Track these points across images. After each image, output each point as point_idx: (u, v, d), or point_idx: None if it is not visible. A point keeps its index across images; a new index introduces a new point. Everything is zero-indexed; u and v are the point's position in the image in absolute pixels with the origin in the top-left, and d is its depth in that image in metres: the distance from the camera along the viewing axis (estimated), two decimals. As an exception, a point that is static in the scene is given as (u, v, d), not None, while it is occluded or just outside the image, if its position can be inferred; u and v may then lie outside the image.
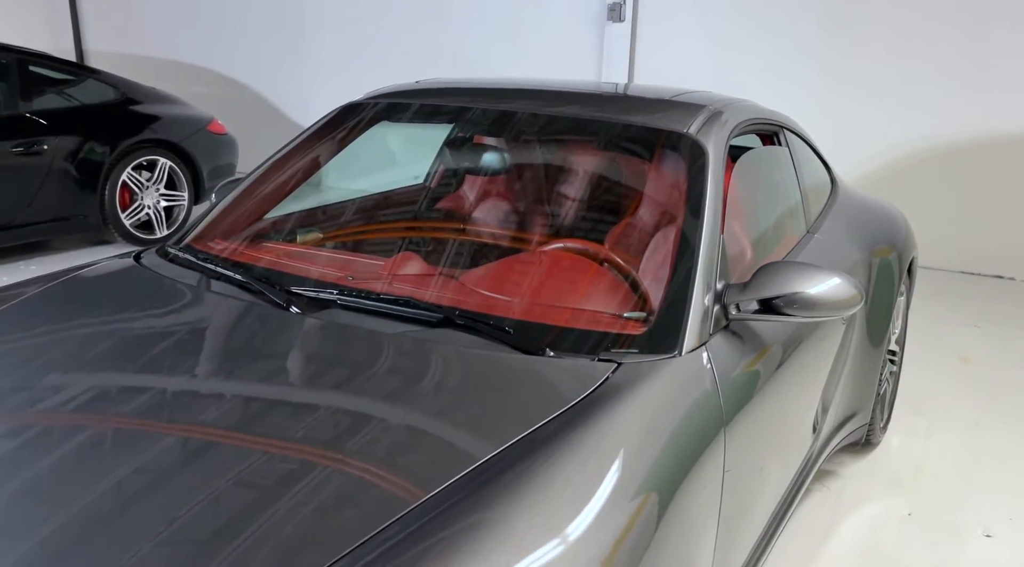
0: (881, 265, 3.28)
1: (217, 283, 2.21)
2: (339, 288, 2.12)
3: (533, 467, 1.46)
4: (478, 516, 1.34)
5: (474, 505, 1.37)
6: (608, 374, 1.77)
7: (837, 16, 6.34)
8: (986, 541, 2.96)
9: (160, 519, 1.35)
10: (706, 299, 2.00)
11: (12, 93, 5.60)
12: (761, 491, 2.28)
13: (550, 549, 1.32)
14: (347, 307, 2.04)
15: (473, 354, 1.84)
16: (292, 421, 1.63)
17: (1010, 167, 6.06)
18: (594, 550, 1.38)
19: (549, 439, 1.55)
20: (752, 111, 2.72)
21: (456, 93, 2.81)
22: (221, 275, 2.23)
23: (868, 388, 3.23)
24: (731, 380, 1.96)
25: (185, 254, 2.41)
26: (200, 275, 2.26)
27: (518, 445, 1.53)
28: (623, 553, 1.42)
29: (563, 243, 2.41)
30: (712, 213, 2.16)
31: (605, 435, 1.60)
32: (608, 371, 1.78)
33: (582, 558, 1.35)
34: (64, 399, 1.73)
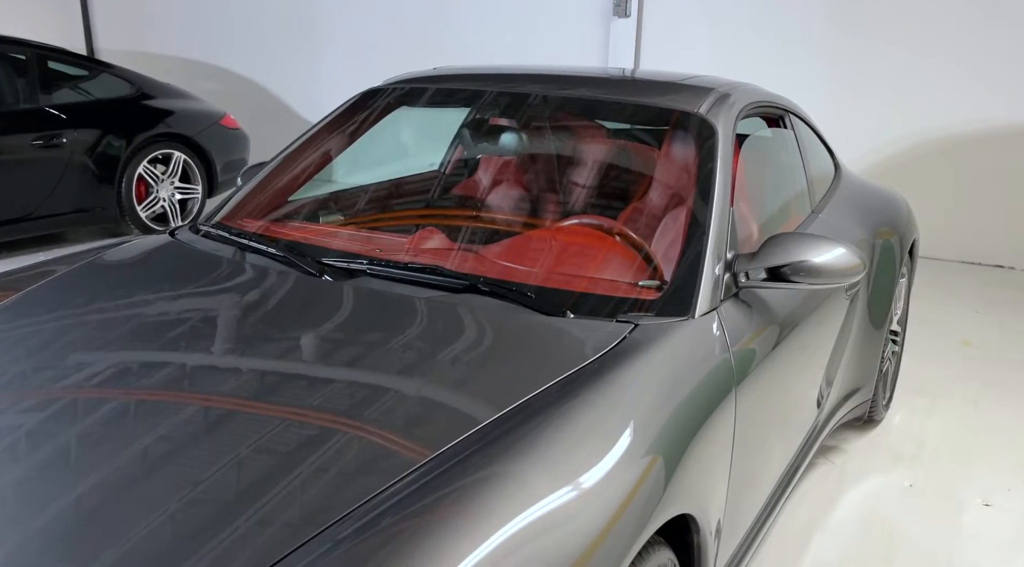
0: (883, 247, 3.39)
1: (251, 255, 2.33)
2: (368, 259, 2.24)
3: (550, 421, 1.55)
4: (490, 469, 1.41)
5: (487, 459, 1.44)
6: (626, 334, 1.88)
7: (842, 8, 6.45)
8: (985, 510, 3.07)
9: (204, 478, 1.43)
10: (717, 267, 2.11)
11: (32, 87, 5.73)
12: (768, 455, 2.39)
13: (561, 501, 1.39)
14: (376, 275, 2.15)
15: (498, 315, 1.96)
16: (331, 378, 1.74)
17: (1010, 159, 6.16)
18: (606, 502, 1.45)
19: (569, 392, 1.65)
20: (758, 94, 2.82)
21: (473, 78, 2.93)
22: (254, 248, 2.35)
23: (871, 365, 3.33)
24: (741, 344, 2.07)
25: (218, 230, 2.52)
26: (235, 248, 2.38)
27: (539, 397, 1.64)
28: (636, 505, 1.50)
29: (578, 219, 2.52)
30: (722, 188, 2.27)
31: (623, 389, 1.71)
32: (626, 331, 1.89)
33: (593, 509, 1.42)
34: (118, 360, 1.85)
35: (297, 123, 8.78)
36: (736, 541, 2.20)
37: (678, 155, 2.45)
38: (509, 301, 2.00)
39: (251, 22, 8.99)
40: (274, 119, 8.86)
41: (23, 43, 5.85)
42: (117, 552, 1.27)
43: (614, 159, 2.82)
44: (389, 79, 3.11)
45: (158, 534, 1.31)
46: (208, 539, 1.29)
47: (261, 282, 2.17)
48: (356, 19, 8.44)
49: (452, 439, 1.50)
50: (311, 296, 2.09)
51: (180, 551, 1.27)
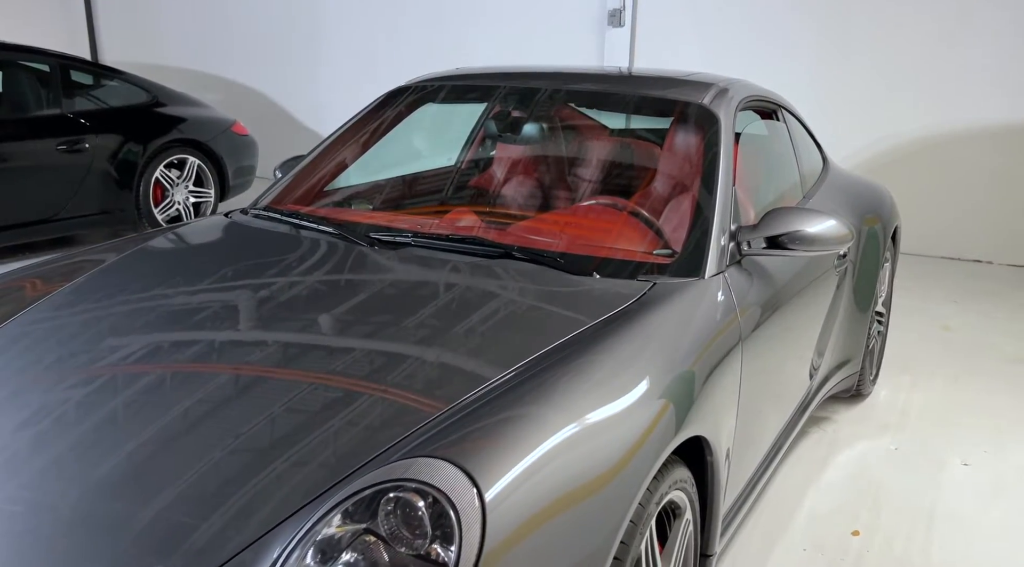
0: (868, 232, 3.68)
1: (305, 231, 2.59)
2: (411, 233, 2.51)
3: (574, 365, 1.78)
4: (511, 412, 1.60)
5: (510, 402, 1.63)
6: (646, 290, 2.16)
7: (826, 20, 6.77)
8: (964, 468, 3.35)
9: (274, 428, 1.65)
10: (723, 238, 2.39)
11: (56, 95, 5.98)
12: (769, 407, 2.66)
13: (575, 440, 1.59)
14: (420, 246, 2.42)
15: (533, 274, 2.23)
16: (390, 324, 2.01)
17: (987, 159, 6.49)
18: (619, 441, 1.65)
19: (595, 338, 1.91)
20: (753, 89, 3.12)
21: (492, 76, 3.21)
22: (306, 225, 2.62)
23: (859, 339, 3.62)
24: (745, 304, 2.35)
25: (268, 212, 2.79)
26: (289, 226, 2.64)
27: (574, 339, 1.90)
28: (649, 445, 1.71)
29: (595, 199, 2.80)
30: (725, 169, 2.55)
31: (647, 333, 1.98)
32: (646, 288, 2.17)
33: (605, 449, 1.62)
34: (200, 313, 2.11)
35: (300, 132, 9.05)
36: (744, 477, 2.48)
37: (685, 140, 2.73)
38: (541, 264, 2.28)
39: (253, 34, 9.26)
40: (279, 127, 9.12)
41: (47, 53, 6.10)
42: (172, 493, 1.49)
43: (626, 145, 3.11)
44: (413, 79, 3.39)
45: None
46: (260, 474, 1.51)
47: (319, 252, 2.44)
48: (357, 30, 8.72)
49: (497, 374, 1.75)
50: (366, 263, 2.36)
51: (223, 492, 1.48)
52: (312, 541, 1.37)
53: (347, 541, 1.37)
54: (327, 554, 1.36)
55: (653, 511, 1.73)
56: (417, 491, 1.39)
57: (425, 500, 1.38)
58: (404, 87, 3.32)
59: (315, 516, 1.40)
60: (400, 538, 1.37)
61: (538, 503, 1.46)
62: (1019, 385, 4.17)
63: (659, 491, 1.75)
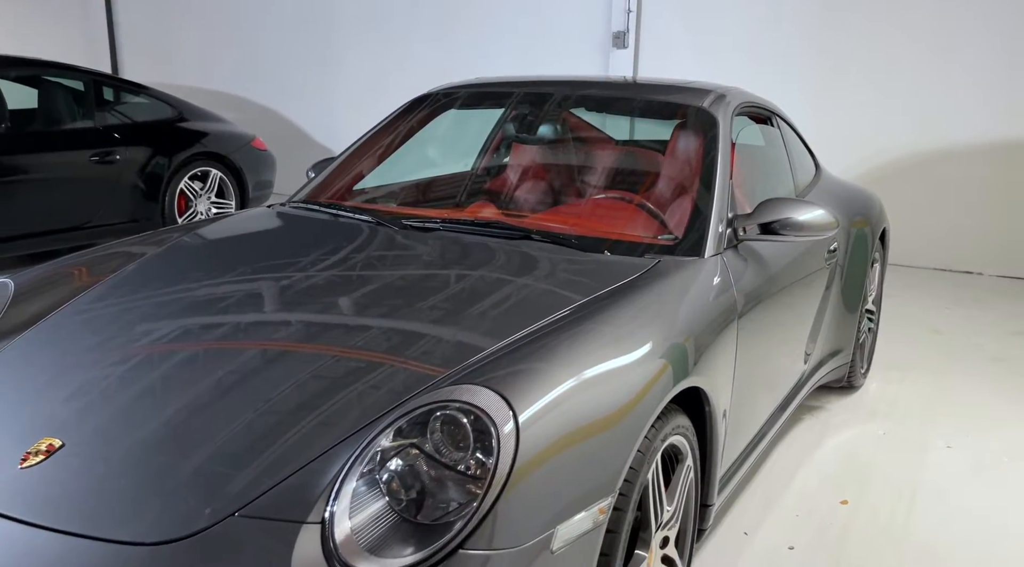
0: (857, 234, 3.95)
1: (342, 218, 2.87)
2: (439, 220, 2.78)
3: (590, 322, 2.04)
4: (537, 357, 1.84)
5: (537, 349, 1.88)
6: (651, 265, 2.42)
7: (819, 38, 7.09)
8: (947, 450, 3.60)
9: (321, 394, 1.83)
10: (720, 224, 2.66)
11: (89, 109, 6.29)
12: (762, 385, 2.91)
13: (591, 382, 1.82)
14: (448, 231, 2.70)
15: (550, 252, 2.50)
16: (432, 291, 2.28)
17: (977, 173, 6.78)
18: (629, 386, 1.89)
19: (608, 302, 2.17)
20: (748, 96, 3.40)
21: (509, 83, 3.50)
22: (344, 215, 2.89)
23: (849, 331, 3.88)
24: (741, 284, 2.61)
25: (307, 204, 3.07)
26: (328, 215, 2.92)
27: (585, 304, 2.16)
28: (654, 389, 1.94)
29: (604, 193, 3.08)
30: (723, 165, 2.82)
31: (652, 299, 2.24)
32: (652, 263, 2.44)
33: (616, 392, 1.86)
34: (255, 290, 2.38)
35: (315, 147, 9.36)
36: (741, 441, 2.73)
37: (687, 140, 3.01)
38: (558, 244, 2.55)
39: (270, 54, 9.58)
40: (293, 145, 9.41)
41: (80, 70, 6.42)
42: (212, 448, 1.70)
43: (630, 152, 3.39)
44: (435, 87, 3.68)
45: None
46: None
47: (360, 235, 2.71)
48: (369, 52, 9.04)
49: (524, 328, 2.01)
50: (402, 244, 2.63)
51: (255, 449, 1.69)
52: (369, 454, 1.62)
53: (397, 453, 1.62)
54: (380, 465, 1.61)
55: (659, 446, 1.98)
56: (462, 410, 1.64)
57: (468, 418, 1.63)
58: (427, 94, 3.60)
59: (373, 433, 1.65)
60: (443, 453, 1.63)
61: (561, 430, 1.72)
62: (1001, 381, 4.42)
63: (663, 431, 2.00)
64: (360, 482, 1.58)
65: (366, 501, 1.56)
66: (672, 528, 2.18)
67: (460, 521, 1.52)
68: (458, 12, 8.56)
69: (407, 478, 1.60)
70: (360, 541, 1.51)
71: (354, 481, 1.58)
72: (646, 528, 2.01)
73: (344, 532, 1.51)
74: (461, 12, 8.55)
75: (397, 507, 1.57)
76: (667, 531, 2.15)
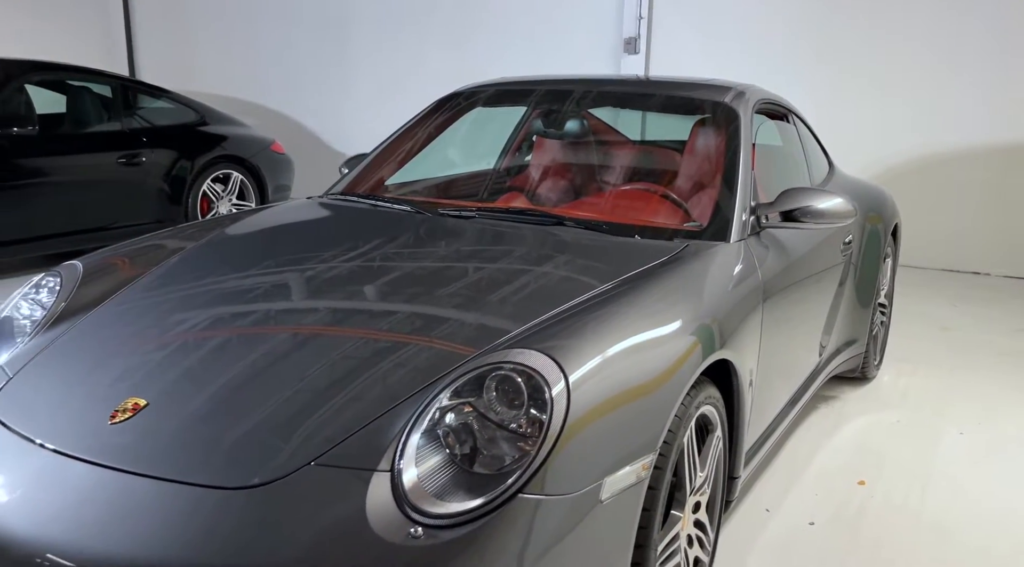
0: (871, 230, 4.07)
1: (382, 208, 3.00)
2: (475, 209, 2.92)
3: (629, 297, 2.17)
4: (581, 329, 1.96)
5: (578, 322, 2.00)
6: (681, 248, 2.55)
7: (827, 44, 7.23)
8: (959, 437, 3.72)
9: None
10: (744, 212, 2.79)
11: (117, 113, 6.45)
12: (783, 367, 3.03)
13: (617, 361, 1.91)
14: (483, 218, 2.83)
15: (582, 237, 2.63)
16: (478, 268, 2.41)
17: (984, 175, 6.91)
18: (665, 357, 2.01)
19: (642, 281, 2.29)
20: (765, 93, 3.53)
21: (534, 82, 3.64)
22: (382, 205, 3.03)
23: (863, 322, 4.00)
24: (764, 268, 2.73)
25: (345, 195, 3.21)
26: (368, 205, 3.06)
27: (621, 283, 2.28)
28: (688, 361, 2.06)
29: (631, 185, 3.21)
30: (745, 156, 2.96)
31: (680, 282, 2.36)
32: (681, 247, 2.56)
33: (654, 361, 1.98)
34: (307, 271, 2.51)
35: (329, 153, 9.51)
36: (764, 420, 2.85)
37: (710, 133, 3.14)
38: (589, 229, 2.68)
39: (286, 63, 9.74)
40: (308, 150, 9.56)
41: (107, 74, 6.59)
42: (288, 405, 1.83)
43: (649, 152, 3.53)
44: (462, 86, 3.81)
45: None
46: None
47: (400, 223, 2.84)
48: (383, 58, 9.20)
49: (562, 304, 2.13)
50: (443, 231, 2.76)
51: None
52: (430, 411, 1.75)
53: (454, 411, 1.75)
54: (439, 421, 1.74)
55: (693, 413, 2.10)
56: (516, 370, 1.77)
57: (522, 378, 1.76)
58: (456, 93, 3.74)
59: (434, 392, 1.78)
60: (497, 411, 1.75)
61: (606, 393, 1.84)
62: (1011, 373, 4.54)
63: (697, 399, 2.13)
64: (422, 436, 1.71)
65: (428, 453, 1.69)
66: (704, 494, 2.30)
67: (518, 471, 1.65)
68: (472, 19, 8.72)
69: (463, 433, 1.73)
70: (426, 487, 1.63)
71: (417, 435, 1.71)
72: (681, 489, 2.13)
73: (411, 479, 1.64)
74: (475, 19, 8.70)
75: (456, 459, 1.69)
76: (699, 496, 2.27)
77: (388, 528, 1.57)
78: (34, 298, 2.44)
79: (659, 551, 2.01)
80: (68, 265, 2.57)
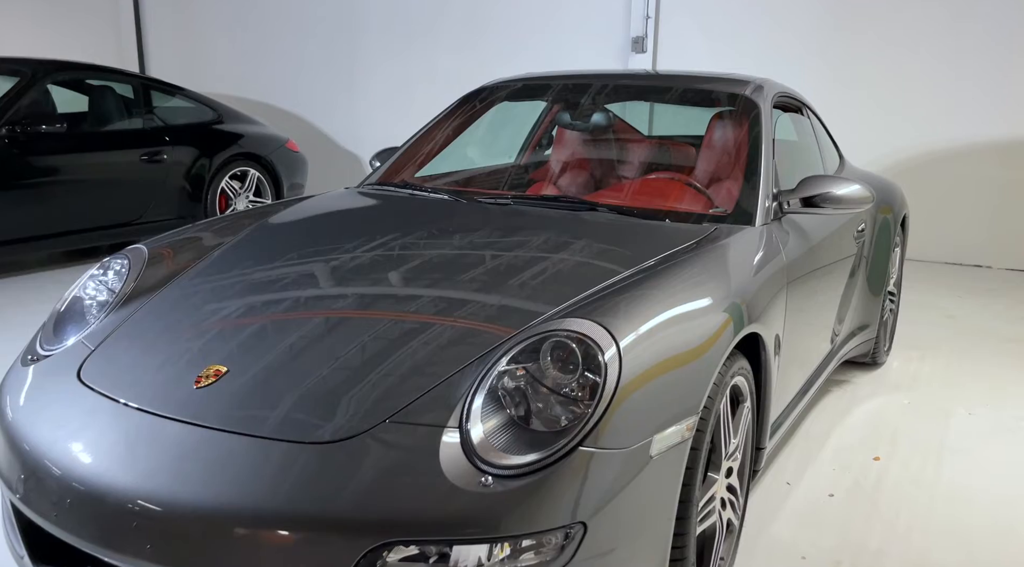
0: (882, 220, 4.23)
1: (419, 197, 3.15)
2: (510, 197, 3.07)
3: (668, 273, 2.32)
4: (626, 302, 2.10)
5: (620, 297, 2.13)
6: (710, 231, 2.70)
7: (831, 45, 7.39)
8: (968, 416, 3.87)
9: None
10: (767, 199, 2.94)
11: (138, 111, 6.60)
12: (802, 353, 3.17)
13: (660, 330, 2.06)
14: (519, 205, 2.98)
15: (614, 220, 2.79)
16: (519, 247, 2.56)
17: (985, 172, 7.07)
18: (703, 328, 2.16)
19: (678, 259, 2.44)
20: (781, 87, 3.68)
21: (558, 77, 3.79)
22: (419, 194, 3.18)
23: (875, 308, 4.16)
24: (787, 251, 2.88)
25: (381, 185, 3.36)
26: (406, 194, 3.20)
27: (658, 261, 2.43)
28: (724, 333, 2.21)
29: (656, 174, 3.36)
30: (767, 145, 3.11)
31: (713, 260, 2.51)
32: (710, 230, 2.71)
33: (693, 332, 2.12)
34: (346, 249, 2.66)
35: (341, 153, 9.66)
36: (786, 396, 3.00)
37: (733, 123, 3.29)
38: (620, 214, 2.83)
39: (297, 65, 9.88)
40: (319, 150, 9.70)
41: (128, 74, 6.74)
42: (361, 371, 1.98)
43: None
44: (488, 82, 3.96)
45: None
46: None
47: (441, 209, 3.00)
48: (393, 60, 9.34)
49: (606, 279, 2.28)
50: (483, 215, 2.91)
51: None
52: (492, 375, 1.89)
53: (510, 376, 1.90)
54: (500, 384, 1.88)
55: (728, 382, 2.25)
56: (570, 337, 1.92)
57: (576, 343, 1.91)
58: (481, 88, 3.89)
59: (494, 357, 1.93)
60: (552, 375, 1.90)
61: (652, 360, 1.99)
62: (1015, 358, 4.70)
63: (731, 369, 2.28)
64: (485, 398, 1.85)
65: (491, 413, 1.84)
66: (735, 460, 2.45)
67: (576, 427, 1.79)
68: (481, 21, 8.86)
69: (518, 396, 1.87)
70: (492, 443, 1.78)
71: (480, 397, 1.85)
72: (717, 452, 2.28)
73: (479, 435, 1.78)
74: (484, 21, 8.85)
75: (515, 419, 1.84)
76: (732, 462, 2.42)
77: (461, 477, 1.72)
78: (102, 279, 2.58)
79: (699, 508, 2.15)
80: (134, 249, 2.72)
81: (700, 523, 2.20)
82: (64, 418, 2.01)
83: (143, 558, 1.71)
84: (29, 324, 3.19)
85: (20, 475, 1.93)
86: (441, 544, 1.68)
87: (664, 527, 1.97)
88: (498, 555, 1.70)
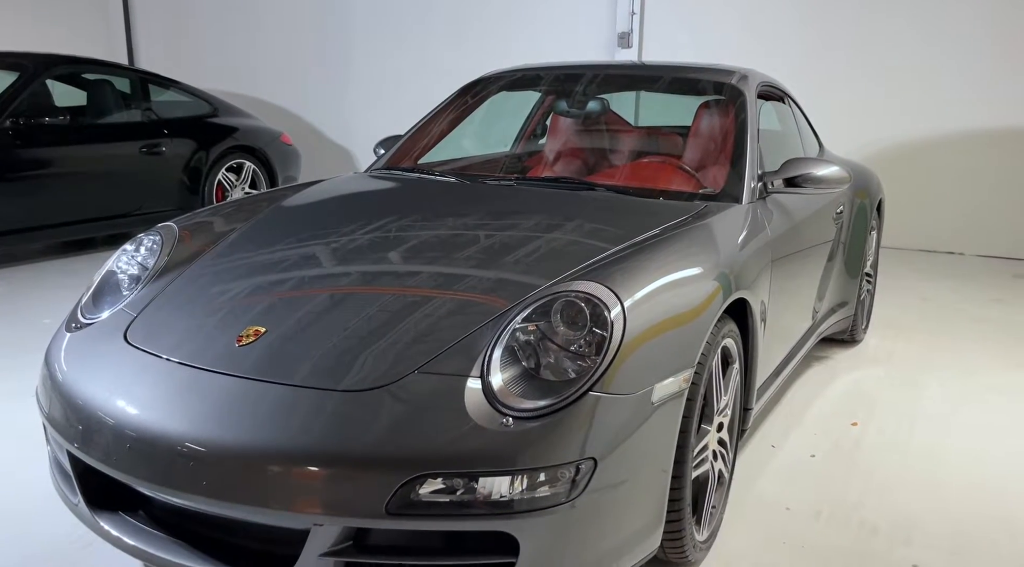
0: (859, 205, 4.46)
1: (426, 178, 3.35)
2: (513, 178, 3.27)
3: (664, 244, 2.53)
4: (627, 269, 2.31)
5: (624, 264, 2.34)
6: (700, 208, 2.91)
7: (809, 37, 7.64)
8: (940, 387, 4.11)
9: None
10: (753, 179, 3.16)
11: (137, 104, 6.75)
12: (785, 323, 3.38)
13: (658, 293, 2.27)
14: (521, 185, 3.18)
15: (610, 198, 3.00)
16: (521, 224, 2.76)
17: (960, 162, 7.35)
18: (697, 292, 2.37)
19: (672, 232, 2.65)
20: (764, 77, 3.90)
21: (553, 68, 3.99)
22: (426, 176, 3.38)
23: (852, 288, 4.39)
24: (772, 228, 3.10)
25: (389, 169, 3.55)
26: (415, 177, 3.40)
27: (654, 235, 2.64)
28: (716, 297, 2.43)
29: (649, 158, 3.57)
30: (752, 130, 3.33)
31: (704, 234, 2.72)
32: (700, 207, 2.93)
33: (687, 296, 2.34)
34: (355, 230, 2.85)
35: (331, 146, 9.81)
36: (771, 364, 3.22)
37: (719, 111, 3.51)
38: (619, 193, 3.05)
39: (288, 58, 10.02)
40: (309, 144, 9.84)
41: (124, 67, 6.89)
42: (388, 327, 2.18)
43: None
44: (485, 73, 4.16)
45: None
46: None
47: (450, 190, 3.20)
48: (385, 53, 9.50)
49: (609, 249, 2.49)
50: (487, 195, 3.11)
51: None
52: (508, 332, 2.09)
53: (523, 332, 2.10)
54: (515, 339, 2.09)
55: (719, 342, 2.47)
56: (579, 297, 2.13)
57: (584, 302, 2.11)
58: (479, 79, 4.09)
59: (509, 317, 2.13)
60: (562, 332, 2.10)
61: (653, 319, 2.20)
62: (984, 336, 4.95)
63: (722, 330, 2.49)
64: (503, 352, 2.06)
65: (508, 364, 2.04)
66: (725, 416, 2.66)
67: (585, 375, 2.00)
68: (469, 17, 9.05)
69: (529, 350, 2.08)
70: (511, 390, 1.98)
71: (499, 350, 2.06)
72: (709, 406, 2.49)
73: (498, 382, 1.99)
74: (472, 17, 9.04)
75: (531, 370, 2.04)
76: (722, 417, 2.64)
77: (484, 418, 1.92)
78: (134, 254, 2.77)
79: (694, 453, 2.37)
80: (165, 226, 2.90)
81: (695, 469, 2.42)
82: (116, 375, 2.20)
83: (198, 493, 1.90)
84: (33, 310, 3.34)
85: (79, 426, 2.12)
86: (467, 478, 1.88)
87: (664, 466, 2.18)
88: (518, 487, 1.90)
